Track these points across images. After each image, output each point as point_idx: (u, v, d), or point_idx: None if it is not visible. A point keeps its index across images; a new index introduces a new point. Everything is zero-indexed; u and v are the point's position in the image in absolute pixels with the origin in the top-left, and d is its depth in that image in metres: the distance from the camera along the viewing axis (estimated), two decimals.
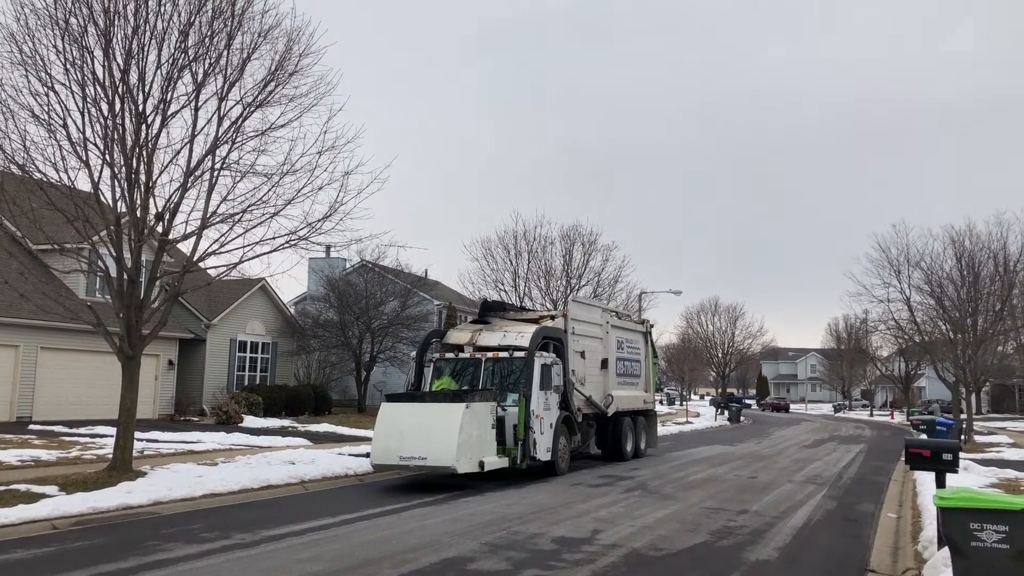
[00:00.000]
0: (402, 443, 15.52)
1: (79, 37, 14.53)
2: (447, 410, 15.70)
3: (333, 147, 15.90)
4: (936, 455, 10.87)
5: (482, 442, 15.97)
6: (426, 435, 15.42)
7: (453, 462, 15.06)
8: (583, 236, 44.40)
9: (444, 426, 15.32)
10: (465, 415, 15.46)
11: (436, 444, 15.26)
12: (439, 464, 15.26)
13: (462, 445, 15.20)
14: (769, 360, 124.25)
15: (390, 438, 15.73)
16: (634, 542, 10.50)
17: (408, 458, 15.41)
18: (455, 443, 15.06)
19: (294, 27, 15.92)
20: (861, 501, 15.37)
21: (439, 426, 15.39)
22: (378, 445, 15.92)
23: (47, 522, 10.96)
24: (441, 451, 15.18)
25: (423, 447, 15.33)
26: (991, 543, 6.87)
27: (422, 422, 15.72)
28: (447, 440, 15.16)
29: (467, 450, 15.40)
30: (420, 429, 15.54)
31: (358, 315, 38.30)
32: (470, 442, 15.52)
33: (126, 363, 15.62)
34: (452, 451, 15.07)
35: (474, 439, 15.69)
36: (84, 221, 14.93)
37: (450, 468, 15.16)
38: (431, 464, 15.35)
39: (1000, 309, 35.29)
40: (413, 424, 15.72)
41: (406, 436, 15.56)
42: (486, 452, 16.00)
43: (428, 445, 15.33)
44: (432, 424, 15.56)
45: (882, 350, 66.89)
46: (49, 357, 27.34)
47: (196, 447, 20.91)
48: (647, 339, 25.47)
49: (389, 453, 15.69)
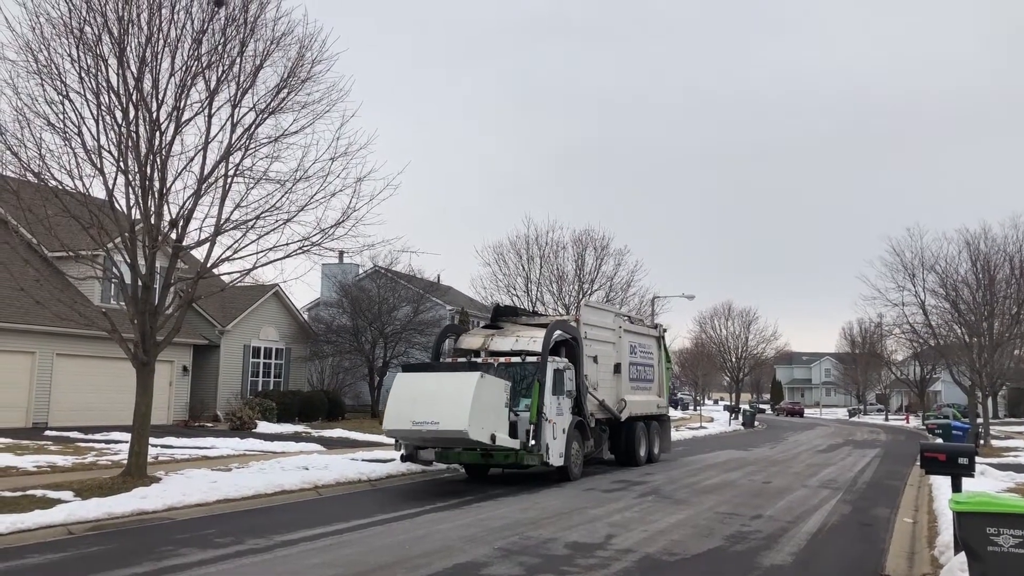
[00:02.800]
0: (415, 409, 15.49)
1: (93, 46, 14.65)
2: (462, 378, 15.72)
3: (346, 153, 15.99)
4: (952, 459, 10.78)
5: (495, 417, 15.90)
6: (439, 401, 15.38)
7: (465, 426, 14.99)
8: (595, 241, 44.48)
9: (458, 393, 15.31)
10: (480, 383, 15.47)
11: (449, 410, 15.20)
12: (451, 428, 15.18)
13: (475, 412, 15.14)
14: (783, 364, 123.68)
15: (403, 404, 15.75)
16: (648, 547, 10.46)
17: (420, 423, 15.38)
18: (468, 408, 15.02)
19: (306, 34, 16.02)
20: (876, 506, 15.27)
21: (453, 393, 15.38)
22: (391, 412, 15.95)
23: (63, 527, 11.02)
24: (454, 416, 15.13)
25: (436, 412, 15.29)
26: (1008, 548, 6.82)
27: (436, 389, 15.70)
28: (461, 405, 15.12)
29: (480, 419, 15.33)
30: (434, 396, 15.53)
31: (371, 320, 38.39)
32: (483, 412, 15.47)
33: (140, 369, 15.70)
34: (465, 416, 15.02)
35: (487, 411, 15.65)
36: (99, 228, 15.03)
37: (462, 432, 15.06)
38: (443, 428, 15.28)
39: (1017, 312, 35.07)
40: (427, 391, 15.71)
41: (419, 402, 15.55)
42: (498, 428, 15.92)
43: (441, 410, 15.27)
44: (446, 391, 15.54)
45: (897, 354, 66.57)
46: (65, 363, 27.52)
47: (210, 453, 20.98)
48: (660, 344, 25.40)
49: (402, 418, 15.68)
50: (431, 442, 16.35)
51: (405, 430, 15.80)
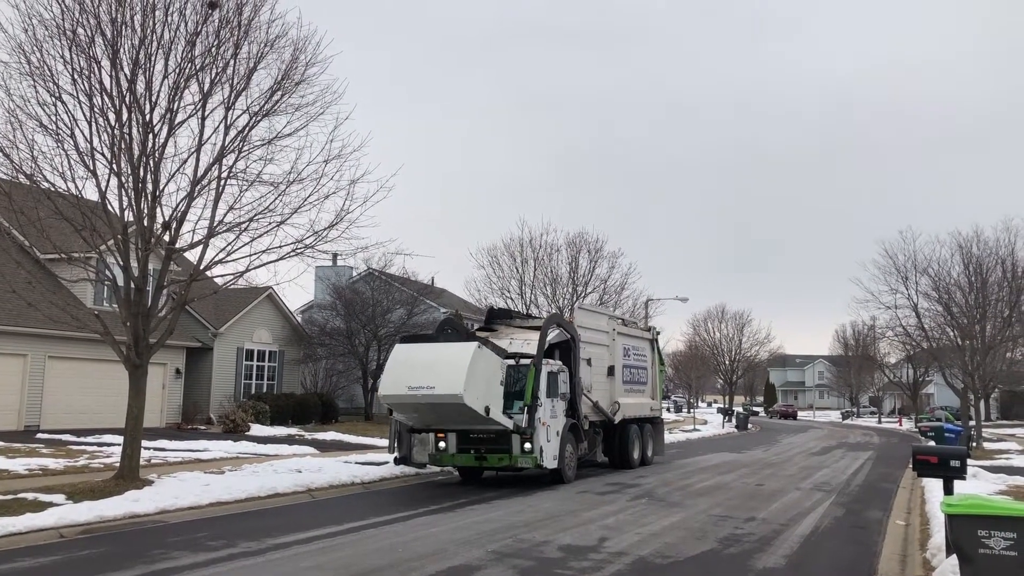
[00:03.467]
0: (411, 374, 15.72)
1: (86, 47, 14.63)
2: (459, 347, 15.95)
3: (339, 156, 16.00)
4: (944, 462, 10.84)
5: (490, 391, 16.05)
6: (436, 367, 15.63)
7: (461, 391, 15.19)
8: (589, 243, 44.47)
9: (455, 360, 15.58)
10: (477, 353, 15.72)
11: (445, 375, 15.44)
12: (447, 392, 15.37)
13: (471, 379, 15.35)
14: (776, 367, 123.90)
15: (399, 370, 16.00)
16: (641, 550, 10.46)
17: (416, 388, 15.58)
18: (464, 374, 15.27)
19: (300, 36, 16.03)
20: (869, 508, 15.29)
21: (450, 360, 15.64)
22: (387, 379, 16.18)
23: (54, 531, 10.98)
24: (450, 381, 15.36)
25: (432, 378, 15.52)
26: (999, 550, 6.84)
27: (433, 358, 15.95)
28: (457, 371, 15.37)
29: (475, 387, 15.50)
30: (431, 363, 15.78)
31: (365, 323, 38.34)
32: (479, 381, 15.66)
33: (133, 372, 15.66)
34: (461, 381, 15.24)
35: (483, 381, 15.82)
36: (91, 230, 15.00)
37: (457, 397, 15.23)
38: (438, 393, 15.45)
39: (1009, 315, 35.22)
40: (424, 359, 15.95)
41: (416, 369, 15.77)
42: (493, 403, 16.05)
43: (437, 375, 15.51)
44: (443, 359, 15.78)
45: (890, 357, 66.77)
46: (57, 366, 27.43)
47: (203, 455, 20.93)
48: (654, 346, 25.43)
49: (398, 384, 15.89)
50: (425, 411, 16.31)
51: (400, 395, 15.94)
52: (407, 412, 16.75)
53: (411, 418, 17.04)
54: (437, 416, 16.50)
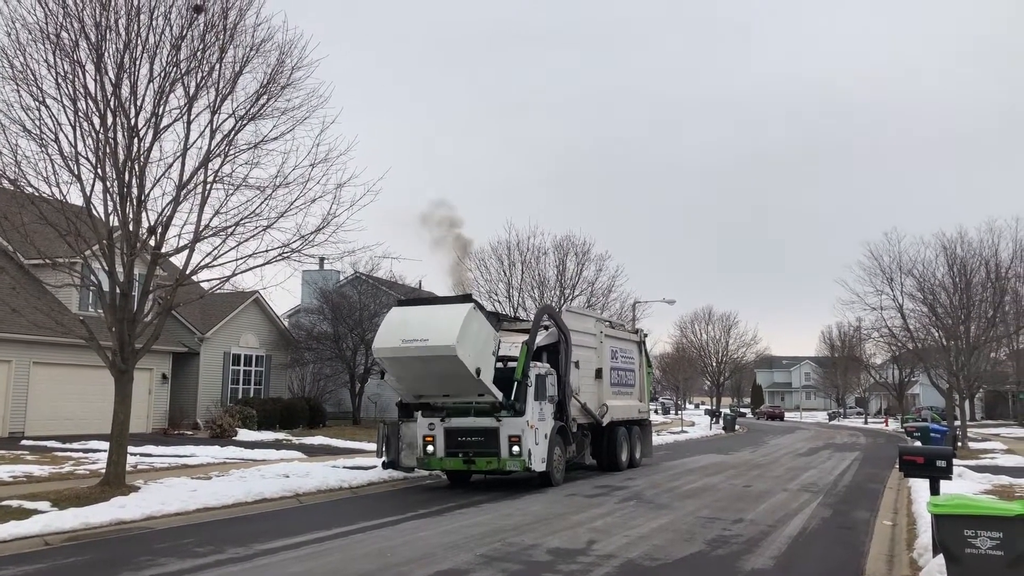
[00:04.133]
0: (405, 329, 16.07)
1: (70, 51, 14.54)
2: (454, 307, 16.41)
3: (326, 159, 15.95)
4: (930, 462, 10.88)
5: (481, 356, 16.33)
6: (430, 323, 16.03)
7: (454, 342, 15.45)
8: (576, 246, 44.54)
9: (449, 316, 16.02)
10: (471, 313, 16.11)
11: (439, 327, 15.82)
12: (440, 344, 15.64)
13: (464, 335, 15.64)
14: (763, 368, 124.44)
15: (394, 326, 16.39)
16: (629, 552, 10.48)
17: (410, 340, 15.87)
18: (458, 329, 15.62)
19: (286, 40, 15.97)
20: (856, 509, 15.36)
21: (444, 316, 16.12)
22: (381, 334, 16.52)
23: (39, 538, 10.89)
24: (443, 334, 15.69)
25: (425, 331, 15.86)
26: (985, 550, 6.88)
27: (428, 315, 16.36)
28: (451, 325, 15.75)
29: (468, 345, 15.79)
30: (425, 319, 16.20)
31: (352, 327, 38.25)
32: (471, 341, 15.96)
33: (119, 377, 15.56)
34: (454, 334, 15.55)
35: (475, 342, 16.12)
36: (76, 235, 14.90)
37: (450, 348, 15.45)
38: (432, 344, 15.70)
39: (992, 316, 35.46)
40: (419, 317, 16.36)
41: (410, 325, 16.12)
42: (484, 367, 16.31)
43: (431, 330, 15.88)
44: (437, 316, 16.25)
45: (876, 357, 67.19)
46: (42, 372, 27.24)
47: (190, 461, 20.81)
48: (641, 348, 25.48)
49: (392, 338, 16.20)
50: (418, 368, 16.43)
51: (393, 347, 16.18)
52: (399, 371, 16.85)
53: (403, 381, 17.12)
54: (429, 376, 16.57)
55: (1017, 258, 37.02)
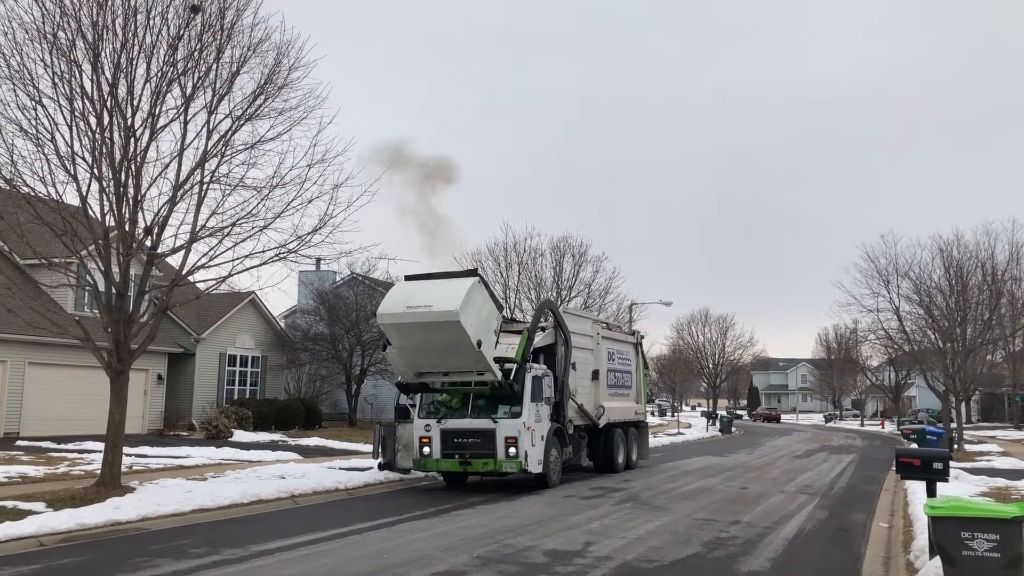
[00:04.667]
0: (410, 297, 16.47)
1: (67, 51, 14.50)
2: (458, 280, 16.79)
3: (323, 160, 15.92)
4: (927, 464, 10.91)
5: (483, 329, 16.68)
6: (435, 292, 16.46)
7: (457, 307, 15.78)
8: (573, 247, 44.54)
9: (453, 287, 16.47)
10: (475, 286, 16.51)
11: (443, 296, 16.21)
12: (443, 309, 15.93)
13: (467, 304, 16.00)
14: (760, 370, 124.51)
15: (399, 296, 16.84)
16: (626, 554, 10.47)
17: (414, 307, 16.21)
18: (462, 297, 15.99)
19: (283, 41, 15.95)
20: (853, 511, 15.36)
21: (449, 286, 16.56)
22: (387, 303, 16.85)
23: (34, 539, 10.86)
24: (447, 301, 16.05)
25: (430, 299, 16.23)
26: (982, 552, 6.89)
27: (433, 286, 16.69)
28: (455, 294, 16.15)
29: (470, 315, 16.10)
30: (430, 290, 16.59)
31: (348, 328, 38.19)
32: (474, 313, 16.32)
33: (114, 378, 15.53)
34: (458, 302, 15.89)
35: (478, 314, 16.47)
36: (72, 235, 14.86)
37: (453, 314, 15.73)
38: (435, 310, 16.02)
39: (988, 318, 35.49)
40: (424, 287, 16.74)
41: (415, 294, 16.51)
42: (485, 342, 16.58)
43: (435, 297, 16.26)
44: (442, 286, 16.67)
45: (872, 360, 67.20)
46: (37, 372, 27.17)
47: (185, 462, 20.77)
48: (638, 350, 25.47)
49: (396, 305, 16.59)
50: (420, 337, 16.59)
51: (397, 313, 16.47)
52: (401, 340, 16.98)
53: (404, 353, 17.22)
54: (430, 347, 16.71)
55: (1013, 260, 37.08)
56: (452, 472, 18.05)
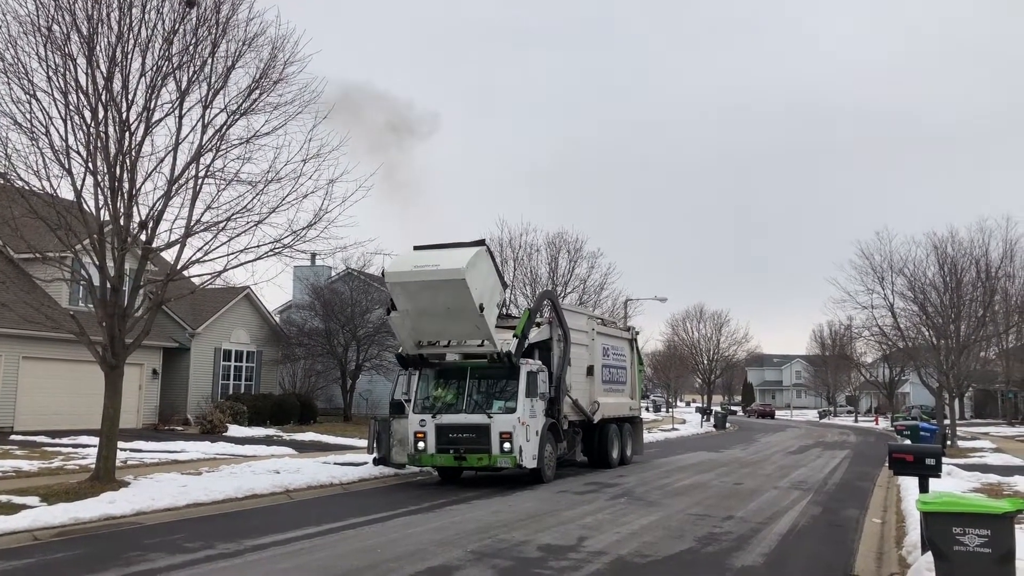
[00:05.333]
0: (418, 260, 17.15)
1: (62, 44, 14.45)
2: (466, 248, 17.29)
3: (318, 155, 15.91)
4: (919, 460, 10.91)
5: (488, 296, 17.20)
6: (442, 254, 17.10)
7: (463, 265, 16.31)
8: (568, 243, 44.52)
9: (461, 252, 17.02)
10: (481, 252, 17.21)
11: (450, 257, 16.84)
12: (450, 267, 16.48)
13: (472, 265, 16.57)
14: (754, 366, 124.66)
15: (408, 258, 17.48)
16: (620, 549, 10.50)
17: (421, 267, 16.84)
18: (468, 259, 16.55)
19: (279, 35, 15.91)
20: (846, 507, 15.42)
21: (456, 252, 17.12)
22: (395, 263, 17.51)
23: (28, 533, 10.85)
24: (453, 261, 16.64)
25: (437, 261, 16.86)
26: (974, 547, 6.91)
27: (440, 252, 17.29)
28: (462, 256, 16.71)
29: (476, 278, 16.64)
30: (437, 254, 17.20)
31: (343, 323, 38.14)
32: (480, 278, 16.86)
33: (109, 372, 15.51)
34: (464, 261, 16.43)
35: (484, 281, 17.06)
36: (67, 229, 14.82)
37: (459, 273, 16.21)
38: (443, 268, 16.57)
39: (982, 315, 35.58)
40: (432, 253, 17.35)
41: (423, 257, 17.19)
42: (488, 307, 17.05)
43: (442, 258, 16.93)
44: (449, 251, 17.25)
45: (866, 356, 67.21)
46: (31, 366, 27.11)
47: (180, 457, 20.77)
48: (633, 346, 25.51)
49: (405, 264, 17.22)
50: (426, 297, 16.95)
51: (405, 271, 16.98)
52: (406, 301, 17.33)
53: (407, 318, 17.53)
54: (434, 311, 17.11)
55: (1007, 258, 37.22)
56: (447, 467, 18.07)
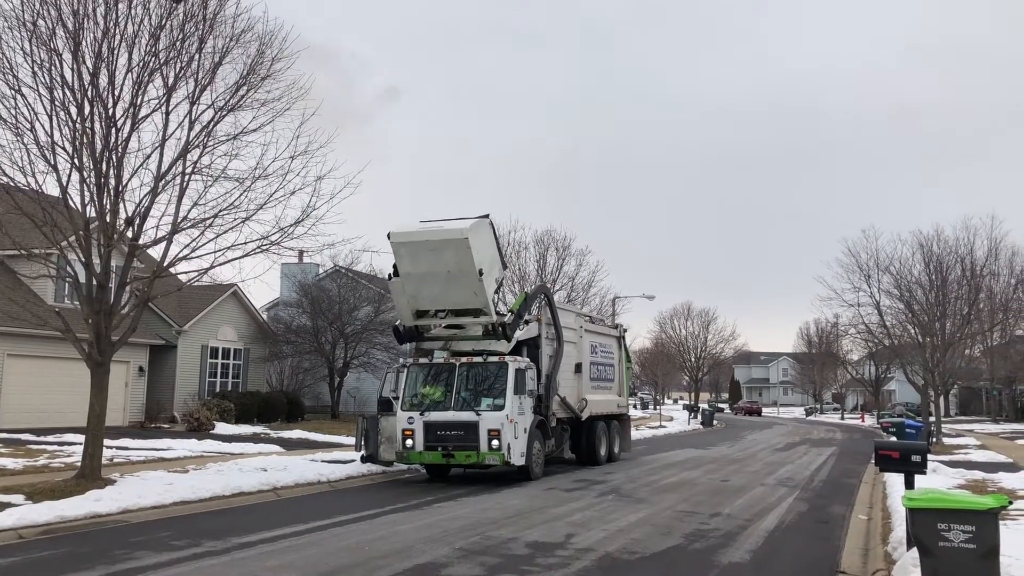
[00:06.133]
0: (423, 225, 17.82)
1: (47, 40, 14.36)
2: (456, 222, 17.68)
3: (306, 151, 15.87)
4: (905, 457, 10.99)
5: (489, 267, 17.74)
6: (443, 223, 17.73)
7: (467, 226, 17.01)
8: (557, 241, 44.60)
9: (465, 220, 17.61)
10: (484, 221, 17.94)
11: (454, 223, 17.51)
12: (452, 228, 17.22)
13: (475, 230, 17.17)
14: (741, 364, 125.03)
15: (413, 224, 18.02)
16: (607, 546, 10.52)
17: (422, 231, 17.47)
18: (471, 223, 17.26)
19: (266, 31, 15.87)
20: (832, 503, 15.50)
21: (457, 220, 17.69)
22: (400, 226, 17.78)
23: (13, 532, 10.78)
24: (457, 224, 17.31)
25: (441, 225, 17.57)
26: (958, 543, 6.96)
27: (441, 222, 17.81)
28: (465, 222, 17.38)
29: (479, 243, 17.20)
30: (438, 223, 17.82)
31: (331, 321, 38.06)
32: (483, 245, 17.49)
33: (95, 370, 15.42)
34: (467, 225, 17.11)
35: (485, 250, 17.68)
36: (52, 226, 14.73)
37: (463, 234, 16.79)
38: (447, 228, 17.32)
39: (967, 313, 35.84)
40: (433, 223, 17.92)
41: (428, 224, 17.84)
42: (487, 275, 17.49)
43: (446, 224, 17.56)
44: (449, 221, 17.81)
45: (852, 354, 67.62)
46: (16, 364, 26.91)
47: (167, 454, 20.68)
48: (620, 344, 25.57)
49: (409, 227, 17.79)
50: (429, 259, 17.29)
51: (410, 231, 17.48)
52: (409, 264, 17.57)
53: (409, 281, 17.79)
54: (435, 275, 17.43)
55: (992, 256, 37.52)
56: (435, 465, 18.05)
